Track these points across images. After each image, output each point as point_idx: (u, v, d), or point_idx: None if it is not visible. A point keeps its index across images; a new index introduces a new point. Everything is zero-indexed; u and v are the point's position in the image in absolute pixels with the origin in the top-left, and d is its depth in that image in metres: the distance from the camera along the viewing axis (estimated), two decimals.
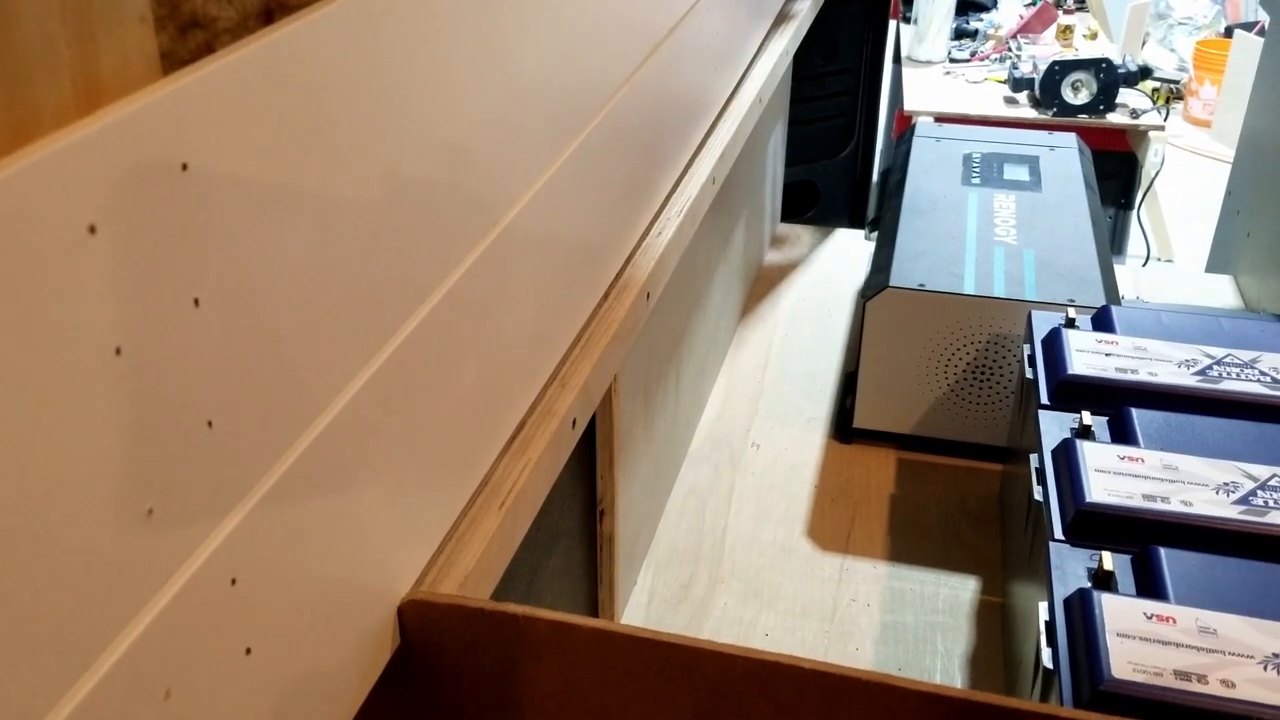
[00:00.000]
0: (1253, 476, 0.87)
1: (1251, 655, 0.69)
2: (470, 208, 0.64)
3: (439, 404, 0.62)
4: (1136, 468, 0.88)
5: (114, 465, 0.38)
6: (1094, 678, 0.69)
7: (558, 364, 0.81)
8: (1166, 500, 0.85)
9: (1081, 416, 0.96)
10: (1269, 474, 0.87)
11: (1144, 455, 0.89)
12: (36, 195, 0.33)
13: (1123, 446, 0.91)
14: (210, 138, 0.40)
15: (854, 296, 1.72)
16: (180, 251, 0.39)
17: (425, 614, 0.60)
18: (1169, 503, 0.84)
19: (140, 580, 0.40)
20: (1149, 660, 0.69)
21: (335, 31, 0.47)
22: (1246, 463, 0.88)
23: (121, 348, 0.37)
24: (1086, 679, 0.70)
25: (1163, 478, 0.87)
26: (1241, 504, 0.84)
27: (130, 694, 0.39)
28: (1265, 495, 0.85)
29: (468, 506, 0.67)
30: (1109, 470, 0.88)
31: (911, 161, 1.62)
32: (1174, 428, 0.94)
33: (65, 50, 0.35)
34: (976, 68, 2.80)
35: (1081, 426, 0.96)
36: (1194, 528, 0.83)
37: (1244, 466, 0.88)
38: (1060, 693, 0.71)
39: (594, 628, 0.59)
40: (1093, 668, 0.70)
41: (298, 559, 0.50)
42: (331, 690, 0.54)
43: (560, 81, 0.76)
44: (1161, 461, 0.88)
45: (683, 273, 1.18)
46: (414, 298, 0.58)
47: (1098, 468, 0.88)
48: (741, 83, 1.36)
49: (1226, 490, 0.85)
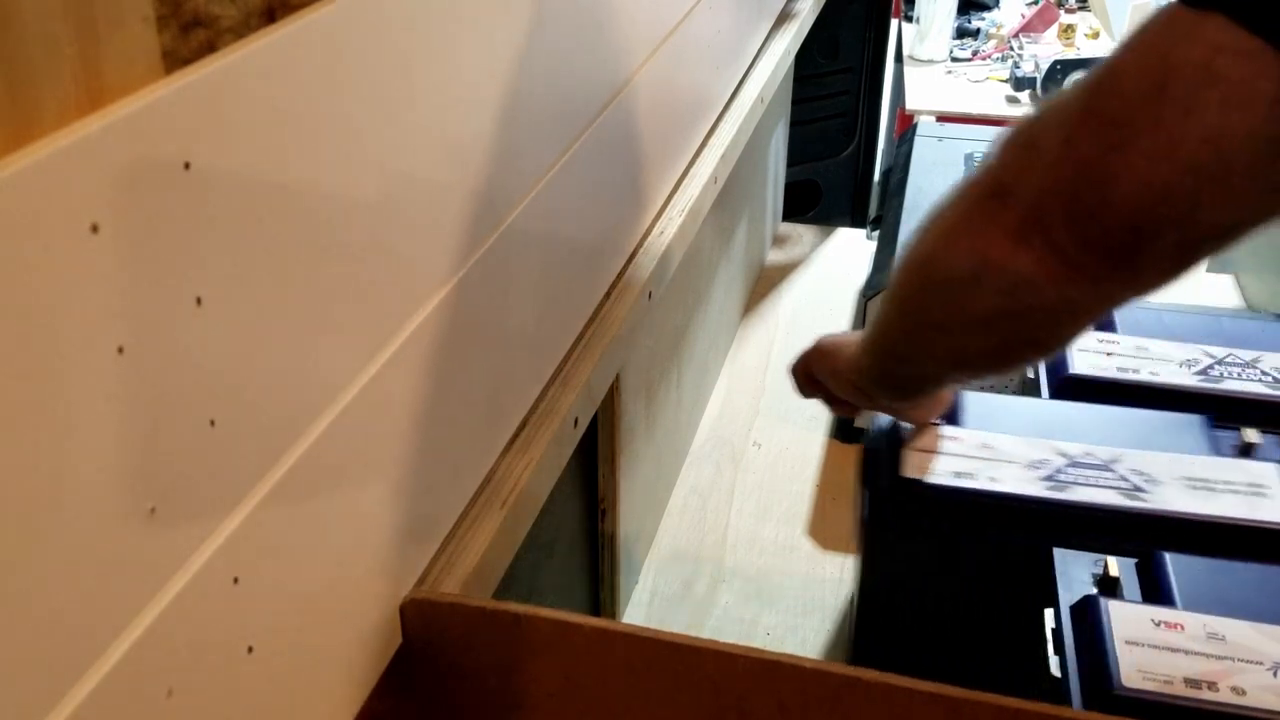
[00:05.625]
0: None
1: (1261, 661, 0.69)
2: (473, 206, 0.64)
3: (441, 403, 0.62)
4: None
5: (116, 464, 0.38)
6: (1104, 686, 0.69)
7: (560, 363, 0.81)
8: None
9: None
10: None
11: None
12: (39, 194, 0.33)
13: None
14: (212, 137, 0.40)
15: (856, 296, 1.72)
16: (182, 250, 0.39)
17: (427, 613, 0.60)
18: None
19: (142, 579, 0.40)
20: (1159, 668, 0.69)
21: (337, 31, 0.47)
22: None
23: (124, 347, 0.37)
24: (1095, 687, 0.70)
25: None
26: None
27: (132, 693, 0.39)
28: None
29: (469, 505, 0.67)
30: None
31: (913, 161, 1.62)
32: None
33: (68, 49, 0.35)
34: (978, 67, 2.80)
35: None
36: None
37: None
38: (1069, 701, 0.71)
39: (595, 627, 0.59)
40: (1102, 676, 0.69)
41: (300, 558, 0.50)
42: (333, 689, 0.54)
43: (562, 81, 0.76)
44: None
45: (684, 272, 1.18)
46: (416, 297, 0.58)
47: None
48: (743, 82, 1.36)
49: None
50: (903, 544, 0.88)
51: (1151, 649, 0.70)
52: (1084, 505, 0.83)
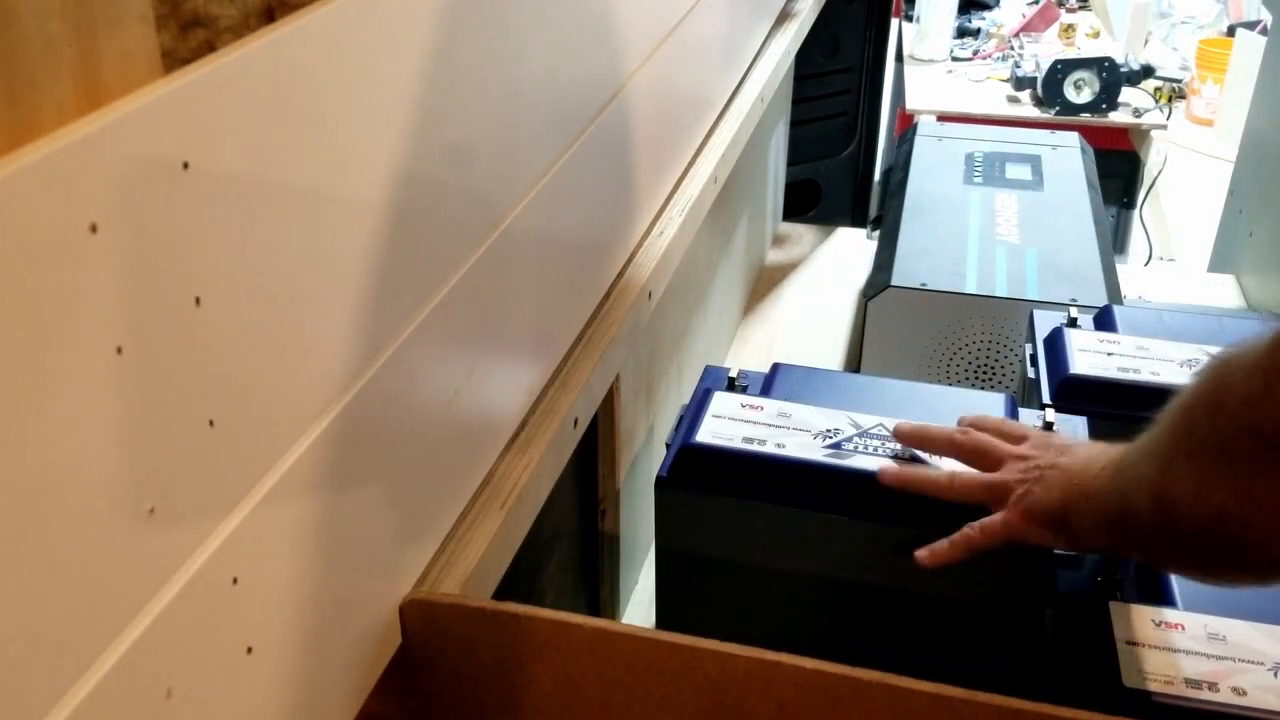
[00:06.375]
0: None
1: (1261, 661, 0.69)
2: (472, 207, 0.64)
3: (440, 403, 0.62)
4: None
5: (115, 465, 0.38)
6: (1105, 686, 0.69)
7: (559, 363, 0.81)
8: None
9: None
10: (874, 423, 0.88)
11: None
12: (38, 194, 0.33)
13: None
14: (211, 136, 0.40)
15: (856, 295, 1.72)
16: (181, 250, 0.39)
17: (426, 614, 0.60)
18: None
19: (141, 579, 0.40)
20: (1159, 668, 0.69)
21: (337, 30, 0.47)
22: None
23: (123, 347, 0.37)
24: (1096, 687, 0.70)
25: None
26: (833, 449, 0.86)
27: (131, 693, 0.39)
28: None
29: (469, 506, 0.67)
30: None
31: (913, 160, 1.62)
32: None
33: (66, 49, 0.34)
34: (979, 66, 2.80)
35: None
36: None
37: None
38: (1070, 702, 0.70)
39: (595, 627, 0.59)
40: (1102, 676, 0.69)
41: (299, 558, 0.50)
42: (332, 689, 0.54)
43: (562, 81, 0.76)
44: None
45: (684, 272, 1.18)
46: (415, 297, 0.58)
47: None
48: (743, 82, 1.36)
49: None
50: (690, 505, 0.89)
51: (1152, 649, 0.70)
52: (851, 470, 0.83)
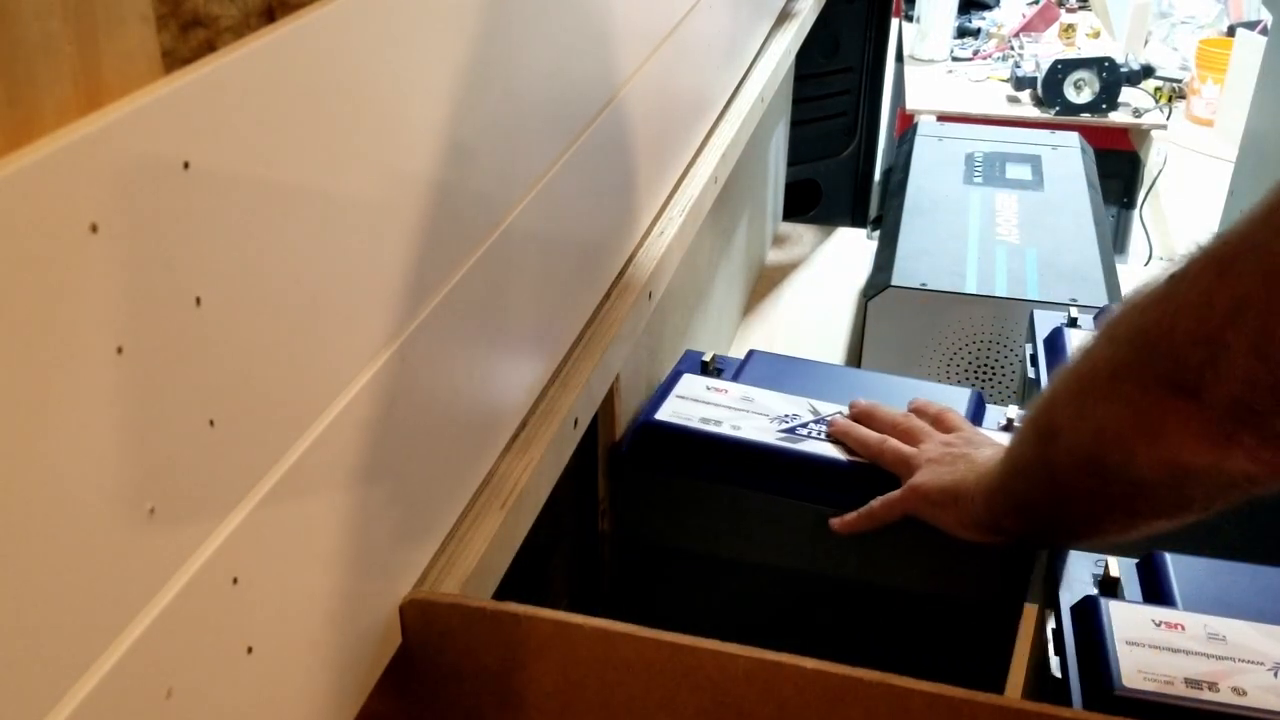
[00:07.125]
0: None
1: (1261, 662, 0.69)
2: (472, 207, 0.64)
3: (441, 403, 0.62)
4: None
5: (115, 465, 0.38)
6: (1104, 686, 0.69)
7: (559, 363, 0.81)
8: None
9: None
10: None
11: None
12: (38, 194, 0.33)
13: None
14: (212, 136, 0.40)
15: (856, 295, 1.72)
16: (182, 250, 0.39)
17: (426, 614, 0.60)
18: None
19: (141, 579, 0.40)
20: (1159, 668, 0.69)
21: (338, 30, 0.47)
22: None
23: (123, 347, 0.37)
24: (1096, 687, 0.70)
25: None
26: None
27: (131, 693, 0.39)
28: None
29: (469, 506, 0.67)
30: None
31: (913, 160, 1.62)
32: None
33: (66, 49, 0.34)
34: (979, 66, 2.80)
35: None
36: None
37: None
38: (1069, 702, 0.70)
39: (595, 627, 0.59)
40: (1102, 676, 0.69)
41: (299, 558, 0.50)
42: (332, 689, 0.54)
43: (562, 81, 0.76)
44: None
45: (685, 272, 1.18)
46: (416, 297, 0.58)
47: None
48: (743, 82, 1.36)
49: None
50: (648, 484, 0.90)
51: (1152, 649, 0.70)
52: (800, 454, 0.84)
